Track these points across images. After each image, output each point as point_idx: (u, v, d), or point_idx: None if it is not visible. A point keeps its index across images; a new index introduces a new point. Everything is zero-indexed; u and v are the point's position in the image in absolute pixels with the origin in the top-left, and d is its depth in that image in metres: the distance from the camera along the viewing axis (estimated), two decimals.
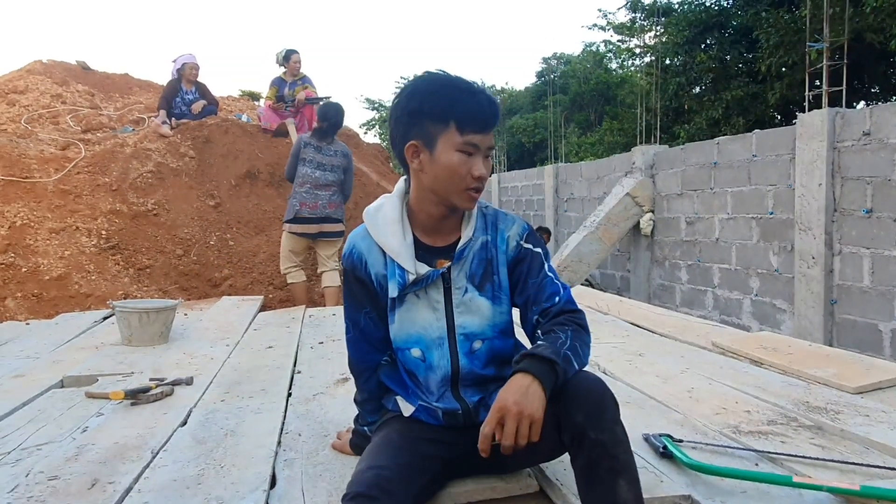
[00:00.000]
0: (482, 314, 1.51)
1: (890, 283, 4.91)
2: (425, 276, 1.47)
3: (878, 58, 11.16)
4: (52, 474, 1.67)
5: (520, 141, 24.10)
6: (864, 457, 1.71)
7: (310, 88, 7.02)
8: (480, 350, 1.52)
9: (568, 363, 1.32)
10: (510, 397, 1.23)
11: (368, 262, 1.53)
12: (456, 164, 1.41)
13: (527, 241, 1.55)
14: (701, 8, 14.29)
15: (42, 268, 4.88)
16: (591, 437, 1.25)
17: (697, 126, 13.44)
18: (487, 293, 1.52)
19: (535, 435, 1.22)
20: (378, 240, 1.51)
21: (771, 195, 6.17)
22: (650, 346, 3.06)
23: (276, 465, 1.73)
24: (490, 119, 1.44)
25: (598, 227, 7.97)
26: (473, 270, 1.51)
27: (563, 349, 1.33)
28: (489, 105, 1.44)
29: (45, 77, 8.28)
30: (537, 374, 1.26)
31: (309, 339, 3.41)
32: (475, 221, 1.53)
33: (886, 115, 4.93)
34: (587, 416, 1.26)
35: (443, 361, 1.51)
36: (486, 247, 1.53)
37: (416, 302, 1.51)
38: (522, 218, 1.61)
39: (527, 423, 1.21)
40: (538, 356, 1.29)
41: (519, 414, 1.21)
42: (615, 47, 22.55)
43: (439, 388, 1.53)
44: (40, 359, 3.05)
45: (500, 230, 1.55)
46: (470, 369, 1.51)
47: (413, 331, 1.52)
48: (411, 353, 1.53)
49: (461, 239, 1.51)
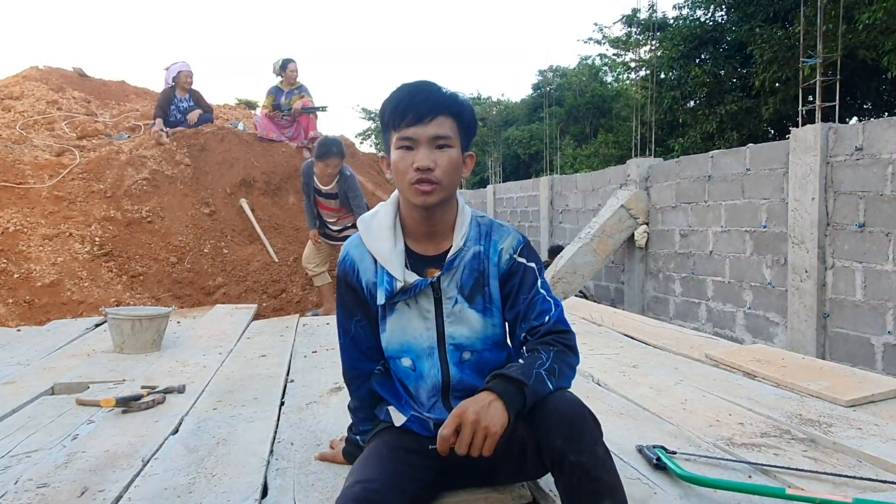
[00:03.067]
0: (472, 326, 1.49)
1: (882, 297, 4.94)
2: (414, 285, 1.46)
3: (871, 74, 11.27)
4: (42, 482, 1.66)
5: (516, 152, 24.20)
6: (856, 470, 1.72)
7: (306, 97, 7.03)
8: (470, 361, 1.50)
9: (541, 384, 1.30)
10: (470, 407, 1.23)
11: (360, 269, 1.53)
12: (397, 160, 1.42)
13: (520, 255, 1.52)
14: (696, 23, 14.42)
15: (34, 274, 4.85)
16: (570, 461, 1.23)
17: (692, 140, 13.52)
18: (478, 305, 1.50)
19: (487, 449, 1.21)
20: (369, 246, 1.51)
21: (764, 209, 6.20)
22: (644, 357, 3.06)
23: (268, 474, 1.72)
24: (420, 107, 1.40)
25: (593, 239, 7.99)
26: (464, 281, 1.49)
27: (539, 369, 1.32)
28: (418, 94, 1.41)
29: (41, 83, 8.28)
30: (502, 393, 1.25)
31: (302, 348, 3.39)
32: (467, 231, 1.51)
33: (879, 131, 4.97)
34: (565, 440, 1.24)
35: (433, 371, 1.50)
36: (478, 257, 1.50)
37: (407, 311, 1.50)
38: (518, 229, 1.59)
39: (482, 434, 1.21)
40: (507, 377, 1.29)
41: (475, 424, 1.21)
42: (611, 61, 22.75)
43: (430, 398, 1.52)
44: (31, 365, 3.03)
45: (493, 241, 1.52)
46: (460, 379, 1.50)
47: (403, 340, 1.51)
48: (402, 362, 1.53)
49: (451, 248, 1.49)
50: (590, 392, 2.49)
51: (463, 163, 1.47)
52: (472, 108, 1.49)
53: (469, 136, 1.48)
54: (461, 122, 1.44)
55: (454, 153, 1.43)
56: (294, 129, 7.21)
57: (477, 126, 1.52)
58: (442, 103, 1.42)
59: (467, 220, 1.52)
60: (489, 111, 28.45)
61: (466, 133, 1.47)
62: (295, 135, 7.22)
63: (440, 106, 1.41)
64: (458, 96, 1.45)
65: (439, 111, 1.41)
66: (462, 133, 1.45)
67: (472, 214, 1.54)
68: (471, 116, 1.47)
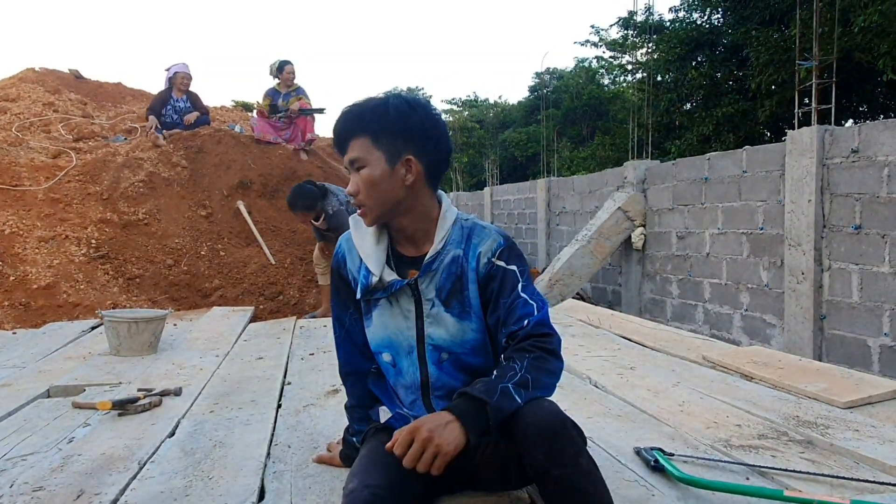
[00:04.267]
0: (448, 330, 1.48)
1: (878, 298, 4.95)
2: (391, 284, 1.48)
3: (866, 77, 11.31)
4: (37, 485, 1.65)
5: (512, 154, 24.23)
6: (854, 471, 1.72)
7: (304, 99, 7.03)
8: (448, 361, 1.50)
9: (507, 400, 1.26)
10: (427, 423, 1.23)
11: (348, 262, 1.57)
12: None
13: (499, 259, 1.47)
14: (692, 26, 14.47)
15: (30, 276, 4.83)
16: (554, 475, 1.21)
17: (688, 142, 13.55)
18: (454, 310, 1.48)
19: (437, 468, 1.20)
20: (355, 242, 1.54)
21: (761, 211, 6.22)
22: (642, 359, 3.06)
23: (265, 477, 1.71)
24: (336, 138, 1.46)
25: (590, 241, 8.00)
26: (441, 284, 1.48)
27: (507, 383, 1.28)
28: (336, 124, 1.46)
29: (37, 85, 8.26)
30: (461, 415, 1.24)
31: (299, 350, 3.39)
32: (448, 233, 1.49)
33: (875, 133, 4.99)
34: (547, 453, 1.21)
35: (411, 369, 1.52)
36: (456, 261, 1.48)
37: (389, 309, 1.51)
38: (502, 231, 1.54)
39: (432, 452, 1.20)
40: (469, 395, 1.27)
41: (427, 441, 1.20)
42: (607, 63, 22.83)
43: (408, 395, 1.54)
44: (26, 368, 3.02)
45: (472, 244, 1.49)
46: (439, 377, 1.51)
47: (385, 335, 1.53)
48: (383, 357, 1.56)
49: (429, 251, 1.49)
50: (587, 394, 2.49)
51: (393, 171, 1.42)
52: (402, 109, 1.43)
53: (397, 141, 1.42)
54: (378, 135, 1.41)
55: (367, 172, 1.42)
56: (291, 130, 7.20)
57: (410, 125, 1.42)
58: (349, 128, 1.44)
59: (449, 222, 1.50)
60: (486, 113, 28.48)
61: (393, 139, 1.41)
62: (292, 137, 7.21)
63: (348, 132, 1.44)
64: (370, 109, 1.42)
65: (349, 136, 1.44)
66: (385, 144, 1.41)
67: (457, 217, 1.53)
68: (392, 123, 1.41)
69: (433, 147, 1.46)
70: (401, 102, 1.44)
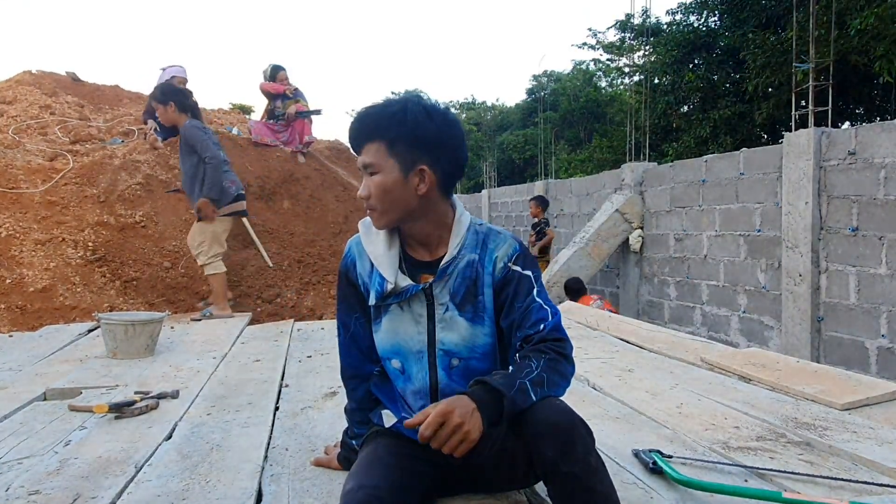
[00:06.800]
0: (461, 333, 1.48)
1: (875, 300, 4.96)
2: (405, 289, 1.47)
3: (863, 79, 11.35)
4: (33, 489, 1.64)
5: (510, 157, 24.27)
6: (852, 473, 1.72)
7: (301, 102, 7.04)
8: (458, 367, 1.50)
9: (522, 395, 1.28)
10: (458, 408, 1.22)
11: (358, 266, 1.55)
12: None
13: (515, 263, 1.49)
14: (689, 29, 14.51)
15: (27, 279, 4.82)
16: (563, 471, 1.22)
17: (685, 144, 13.58)
18: (468, 313, 1.48)
19: (461, 452, 1.21)
20: (366, 248, 1.53)
21: (758, 213, 6.22)
22: (640, 361, 3.06)
23: (263, 480, 1.70)
24: (352, 139, 1.46)
25: (588, 243, 8.01)
26: (456, 289, 1.48)
27: (524, 379, 1.29)
28: (352, 124, 1.45)
29: (34, 88, 8.24)
30: (478, 402, 1.24)
31: (297, 353, 3.38)
32: (463, 238, 1.50)
33: (871, 135, 5.00)
34: (557, 450, 1.23)
35: (420, 374, 1.51)
36: (472, 266, 1.49)
37: (400, 314, 1.50)
38: (516, 236, 1.56)
39: (460, 437, 1.20)
40: (488, 385, 1.27)
41: (458, 427, 1.20)
42: (605, 66, 22.90)
43: (416, 400, 1.53)
44: (23, 371, 3.00)
45: (488, 249, 1.50)
46: (448, 384, 1.50)
47: (395, 341, 1.52)
48: (391, 363, 1.54)
49: (445, 255, 1.49)
50: (585, 396, 2.49)
51: (406, 180, 1.41)
52: (419, 118, 1.40)
53: (412, 150, 1.40)
54: (394, 142, 1.40)
55: (380, 178, 1.41)
56: (289, 133, 7.21)
57: (426, 136, 1.41)
58: (365, 131, 1.43)
59: (464, 228, 1.51)
60: (484, 116, 28.52)
61: (408, 148, 1.40)
62: (290, 139, 7.21)
63: (364, 135, 1.43)
64: (388, 116, 1.40)
65: (365, 139, 1.43)
66: (400, 152, 1.40)
67: (471, 222, 1.53)
68: (408, 132, 1.39)
69: (448, 157, 1.45)
70: (419, 110, 1.41)
